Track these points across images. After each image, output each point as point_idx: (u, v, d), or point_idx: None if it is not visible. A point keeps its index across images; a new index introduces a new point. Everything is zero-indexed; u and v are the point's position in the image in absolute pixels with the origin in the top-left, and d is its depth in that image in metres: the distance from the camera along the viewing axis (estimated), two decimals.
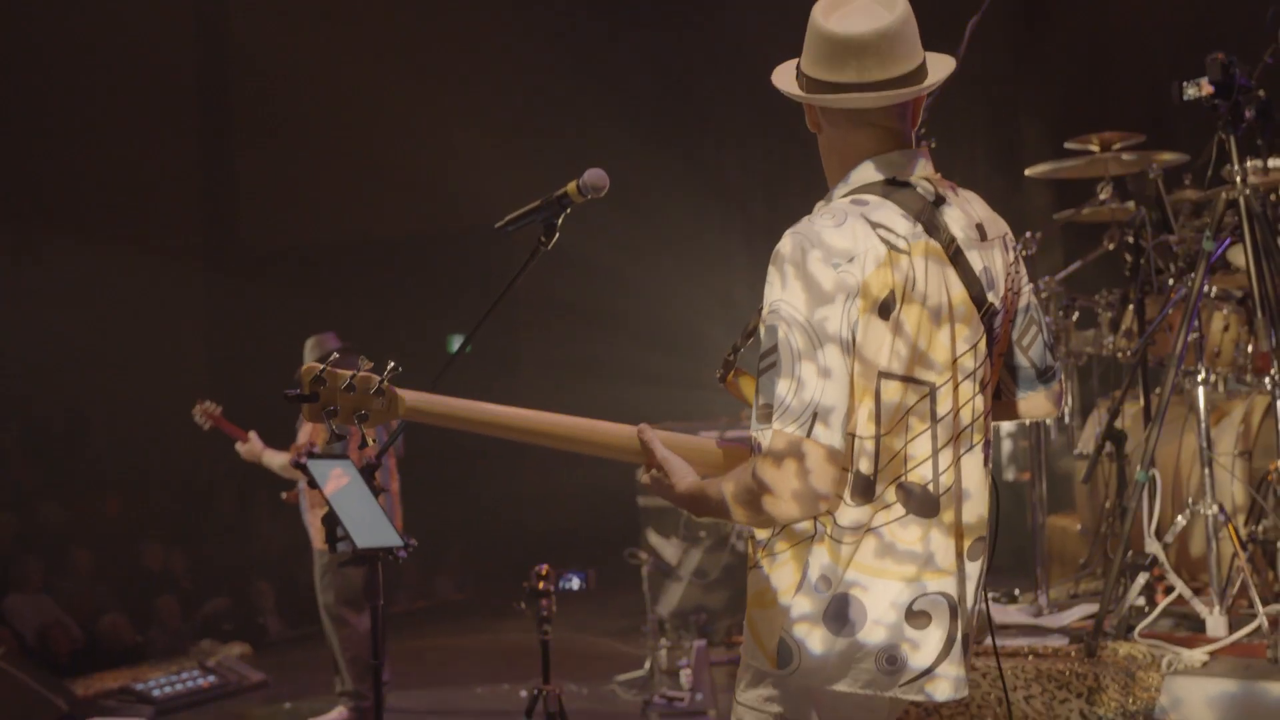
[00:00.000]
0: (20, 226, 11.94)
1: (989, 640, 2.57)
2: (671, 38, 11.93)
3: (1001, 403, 2.53)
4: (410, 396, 2.40)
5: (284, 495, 7.15)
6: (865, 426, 2.24)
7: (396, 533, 3.48)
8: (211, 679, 7.48)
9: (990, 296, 2.36)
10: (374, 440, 2.46)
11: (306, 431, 6.93)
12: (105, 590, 9.51)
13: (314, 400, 2.34)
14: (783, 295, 2.22)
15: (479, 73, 12.62)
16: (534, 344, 12.72)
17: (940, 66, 2.39)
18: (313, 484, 3.58)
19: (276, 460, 6.85)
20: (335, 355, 2.44)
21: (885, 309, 2.23)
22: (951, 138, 4.28)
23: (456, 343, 13.97)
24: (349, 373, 2.36)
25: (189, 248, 13.71)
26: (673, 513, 8.00)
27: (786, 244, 2.25)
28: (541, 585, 4.55)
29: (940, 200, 2.34)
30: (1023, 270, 2.50)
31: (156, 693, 7.13)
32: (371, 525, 3.49)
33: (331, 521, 3.45)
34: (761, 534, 2.35)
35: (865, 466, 2.25)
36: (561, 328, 12.24)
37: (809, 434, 2.16)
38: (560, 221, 3.29)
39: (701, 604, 7.63)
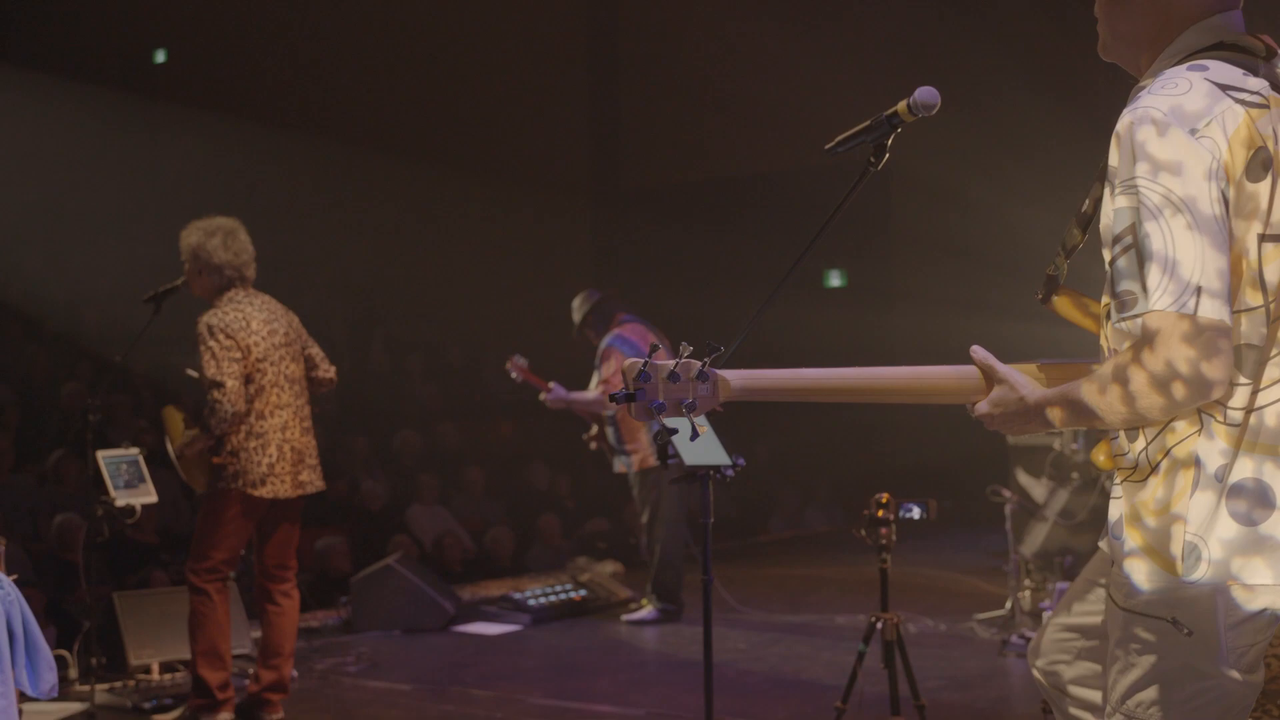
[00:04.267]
0: (425, 174, 12.85)
1: None
2: None
3: None
4: (734, 377, 2.32)
5: (585, 437, 7.59)
6: (1251, 296, 2.10)
7: (725, 452, 3.54)
8: (583, 593, 7.87)
9: None
10: (704, 428, 2.40)
11: (610, 367, 7.28)
12: (495, 506, 10.20)
13: (639, 398, 2.28)
14: (1135, 171, 2.07)
15: (855, 14, 12.47)
16: (920, 282, 12.51)
17: None
18: None
19: (585, 398, 7.36)
20: (657, 347, 2.38)
21: (1254, 170, 2.09)
22: None
23: (834, 277, 13.98)
24: (671, 363, 2.28)
25: (575, 186, 14.34)
26: (1042, 451, 7.76)
27: (1131, 118, 2.12)
28: (881, 514, 4.53)
29: (1273, 54, 2.23)
30: None
31: (533, 602, 7.59)
32: (702, 443, 3.58)
33: (662, 439, 3.56)
34: (1136, 441, 2.20)
35: (1255, 338, 2.11)
36: (949, 267, 11.98)
37: (1195, 310, 2.00)
38: (890, 142, 3.24)
39: (1066, 545, 7.38)
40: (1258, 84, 2.16)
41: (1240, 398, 2.12)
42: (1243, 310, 2.11)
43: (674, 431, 2.47)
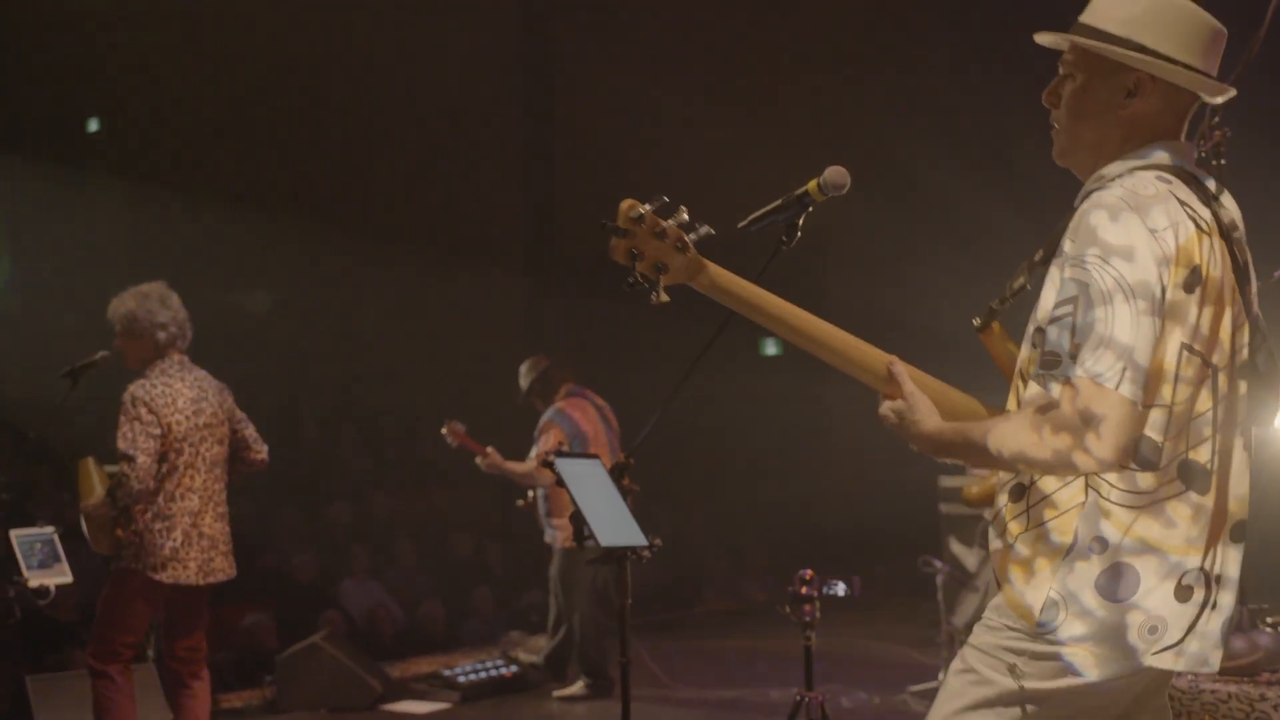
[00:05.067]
0: (359, 242, 12.79)
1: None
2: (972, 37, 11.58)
3: None
4: (714, 268, 2.45)
5: (519, 502, 7.52)
6: (1163, 396, 2.23)
7: (641, 532, 3.51)
8: (514, 669, 7.73)
9: (1250, 289, 2.39)
10: (667, 299, 2.44)
11: (549, 441, 7.22)
12: (427, 579, 10.05)
13: (625, 236, 2.39)
14: (1095, 249, 2.18)
15: (779, 84, 12.64)
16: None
17: None
18: (560, 483, 3.66)
19: (518, 469, 7.28)
20: (665, 199, 2.43)
21: (1190, 284, 2.23)
22: None
23: (770, 345, 14.01)
24: (665, 222, 2.40)
25: (509, 255, 14.32)
26: (974, 521, 7.75)
27: (1103, 199, 2.24)
28: (805, 590, 4.50)
29: (1220, 191, 2.38)
30: None
31: (462, 679, 7.45)
32: (617, 524, 3.54)
33: (578, 520, 3.53)
34: (1055, 522, 2.29)
35: (1158, 436, 2.23)
36: (883, 338, 12.05)
37: (1116, 386, 2.11)
38: (801, 221, 3.25)
39: None
40: (1207, 214, 2.31)
41: (1134, 484, 2.26)
42: (1153, 405, 2.23)
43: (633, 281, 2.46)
